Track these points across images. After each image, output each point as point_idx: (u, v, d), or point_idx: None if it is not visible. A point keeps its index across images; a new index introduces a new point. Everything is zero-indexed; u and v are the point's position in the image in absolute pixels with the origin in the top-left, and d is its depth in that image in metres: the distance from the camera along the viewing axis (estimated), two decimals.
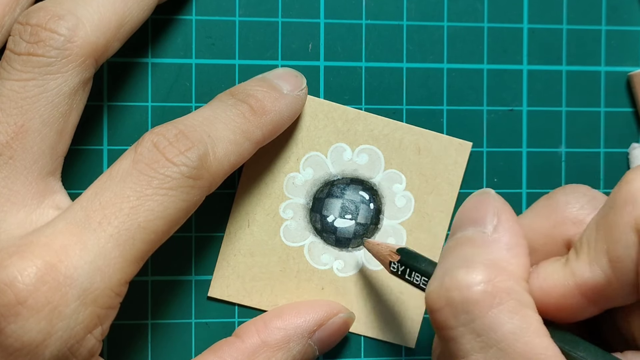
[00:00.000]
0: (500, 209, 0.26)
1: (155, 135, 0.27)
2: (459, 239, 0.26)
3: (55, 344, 0.24)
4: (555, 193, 0.27)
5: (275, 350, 0.30)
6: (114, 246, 0.25)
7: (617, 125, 0.34)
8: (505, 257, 0.25)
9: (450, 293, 0.24)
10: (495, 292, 0.24)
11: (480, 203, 0.26)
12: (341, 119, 0.33)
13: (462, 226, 0.26)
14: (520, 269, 0.25)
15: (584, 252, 0.25)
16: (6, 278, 0.24)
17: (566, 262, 0.25)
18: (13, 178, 0.26)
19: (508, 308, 0.23)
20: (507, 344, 0.23)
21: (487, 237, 0.25)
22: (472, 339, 0.24)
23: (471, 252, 0.25)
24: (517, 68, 0.34)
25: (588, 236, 0.25)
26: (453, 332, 0.24)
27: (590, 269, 0.24)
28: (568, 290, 0.25)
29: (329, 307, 0.31)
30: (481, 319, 0.23)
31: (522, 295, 0.24)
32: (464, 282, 0.24)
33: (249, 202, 0.32)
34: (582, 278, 0.25)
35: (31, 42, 0.26)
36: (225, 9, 0.32)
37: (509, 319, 0.23)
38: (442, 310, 0.24)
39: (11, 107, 0.26)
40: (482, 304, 0.24)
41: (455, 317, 0.24)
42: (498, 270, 0.24)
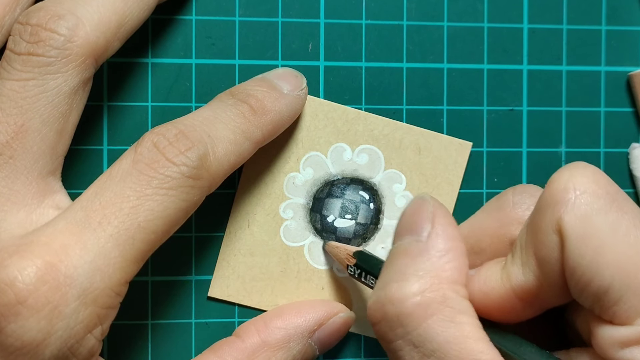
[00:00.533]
0: (435, 214, 0.26)
1: (155, 135, 0.27)
2: (395, 249, 0.26)
3: (55, 344, 0.24)
4: (505, 193, 0.28)
5: (276, 349, 0.30)
6: (113, 246, 0.25)
7: (617, 125, 0.34)
8: (438, 264, 0.25)
9: (385, 307, 0.25)
10: (427, 303, 0.24)
11: (415, 210, 0.26)
12: (341, 119, 0.33)
13: (399, 235, 0.26)
14: (455, 274, 0.25)
15: (517, 255, 0.25)
16: (6, 277, 0.24)
17: (504, 265, 0.26)
18: (13, 178, 0.26)
19: (441, 317, 0.24)
20: (443, 352, 0.23)
21: (421, 246, 0.25)
22: (411, 350, 0.24)
23: (405, 263, 0.25)
24: (517, 68, 0.34)
25: (520, 239, 0.25)
26: (393, 345, 0.25)
27: (523, 272, 0.25)
28: (505, 293, 0.25)
29: (329, 306, 0.31)
30: (416, 331, 0.24)
31: (456, 302, 0.24)
32: (397, 296, 0.24)
33: (249, 202, 0.32)
34: (516, 281, 0.25)
35: (31, 42, 0.26)
36: (225, 9, 0.32)
37: (442, 328, 0.24)
38: (379, 324, 0.25)
39: (11, 106, 0.26)
40: (416, 316, 0.24)
41: (392, 330, 0.24)
42: (430, 279, 0.24)
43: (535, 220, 0.24)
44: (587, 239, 0.23)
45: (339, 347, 0.33)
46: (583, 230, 0.23)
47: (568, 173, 0.24)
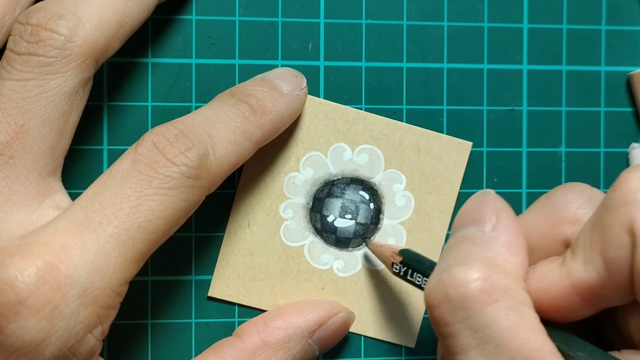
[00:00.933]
0: (500, 209, 0.26)
1: (155, 135, 0.27)
2: (459, 237, 0.26)
3: (56, 344, 0.25)
4: (554, 192, 0.27)
5: (276, 349, 0.30)
6: (114, 246, 0.25)
7: (617, 125, 0.34)
8: (503, 255, 0.25)
9: (447, 289, 0.24)
10: (491, 289, 0.24)
11: (480, 203, 0.26)
12: (341, 119, 0.33)
13: (462, 225, 0.26)
14: (517, 268, 0.25)
15: (579, 253, 0.25)
16: (7, 278, 0.24)
17: (563, 263, 0.25)
18: (13, 178, 0.26)
19: (504, 305, 0.24)
20: (503, 340, 0.23)
21: (485, 236, 0.25)
22: (469, 335, 0.24)
23: (469, 250, 0.25)
24: (517, 68, 0.34)
25: (583, 237, 0.25)
26: (451, 329, 0.24)
27: (585, 269, 0.24)
28: (564, 290, 0.25)
29: (329, 306, 0.31)
30: (478, 316, 0.24)
31: (518, 293, 0.24)
32: (461, 279, 0.24)
33: (249, 202, 0.32)
34: (577, 279, 0.25)
35: (31, 41, 0.26)
36: (225, 9, 0.32)
37: (505, 316, 0.23)
38: (439, 306, 0.24)
39: (11, 106, 0.26)
40: (479, 301, 0.24)
41: (452, 313, 0.24)
42: (495, 267, 0.24)
43: (603, 218, 0.24)
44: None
45: (339, 347, 0.33)
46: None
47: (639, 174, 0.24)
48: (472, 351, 0.24)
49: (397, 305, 0.33)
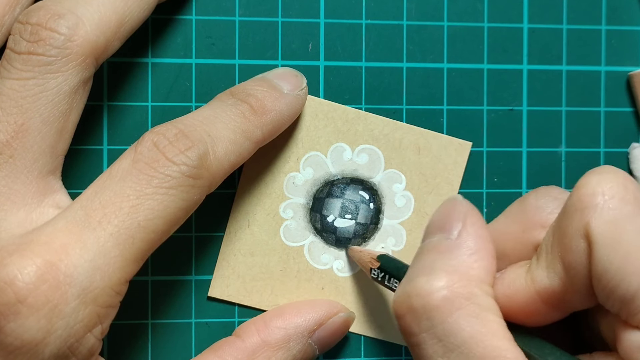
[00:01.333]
0: (466, 214, 0.26)
1: (155, 134, 0.27)
2: (425, 246, 0.26)
3: (55, 343, 0.24)
4: (527, 197, 0.28)
5: (276, 349, 0.30)
6: (113, 245, 0.25)
7: (617, 125, 0.34)
8: (467, 261, 0.25)
9: (411, 300, 0.24)
10: (454, 297, 0.24)
11: (447, 210, 0.26)
12: (341, 119, 0.33)
13: (429, 233, 0.26)
14: (482, 273, 0.25)
15: (542, 259, 0.25)
16: (6, 277, 0.24)
17: (528, 269, 0.25)
18: (13, 177, 0.26)
19: (467, 313, 0.24)
20: (467, 347, 0.23)
21: (450, 243, 0.25)
22: (435, 344, 0.24)
23: (433, 258, 0.25)
24: (517, 68, 0.34)
25: (546, 242, 0.25)
26: (416, 338, 0.24)
27: (548, 275, 0.25)
28: (529, 296, 0.25)
29: (329, 306, 0.31)
30: (441, 325, 0.24)
31: (482, 299, 0.24)
32: (424, 289, 0.24)
33: (249, 202, 0.32)
34: (540, 285, 0.25)
35: (31, 41, 0.26)
36: (225, 9, 0.32)
37: (467, 324, 0.24)
38: (405, 317, 0.25)
39: (11, 106, 0.26)
40: (442, 310, 0.24)
41: (417, 323, 0.24)
42: (458, 275, 0.24)
43: (561, 224, 0.24)
44: (615, 244, 0.23)
45: (339, 347, 0.33)
46: (611, 235, 0.23)
47: (596, 177, 0.24)
48: (438, 359, 0.24)
49: None
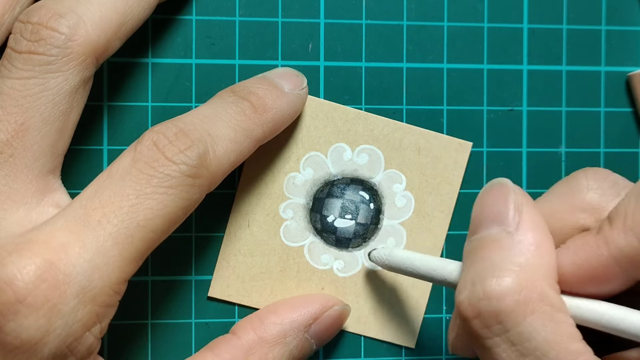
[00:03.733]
0: (521, 203, 0.26)
1: (155, 133, 0.27)
2: (483, 239, 0.26)
3: (54, 342, 0.24)
4: (576, 177, 0.27)
5: (272, 345, 0.30)
6: (112, 244, 0.25)
7: (617, 125, 0.34)
8: (534, 258, 0.25)
9: (481, 303, 0.24)
10: (527, 300, 0.24)
11: (499, 197, 0.26)
12: (341, 119, 0.33)
13: (483, 224, 0.26)
14: (549, 270, 0.25)
15: (619, 221, 0.25)
16: (5, 276, 0.24)
17: (598, 233, 0.25)
18: (13, 176, 0.26)
19: (541, 315, 0.24)
20: (542, 352, 0.23)
21: (511, 238, 0.25)
22: (507, 348, 0.24)
23: (498, 256, 0.25)
24: (517, 68, 0.34)
25: (626, 205, 0.25)
26: (488, 342, 0.24)
27: (626, 237, 0.24)
28: (601, 260, 0.25)
29: (324, 300, 0.31)
30: (515, 329, 0.24)
31: (553, 299, 0.24)
32: (495, 292, 0.24)
33: (249, 202, 0.32)
34: (616, 247, 0.24)
35: (32, 40, 0.26)
36: (225, 9, 0.32)
37: (542, 327, 0.24)
38: (474, 320, 0.24)
39: (12, 105, 0.26)
40: (516, 314, 0.24)
41: (488, 327, 0.24)
42: (528, 275, 0.24)
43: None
44: None
45: (339, 347, 0.33)
46: None
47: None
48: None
49: (397, 305, 0.33)
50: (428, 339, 0.33)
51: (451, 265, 0.28)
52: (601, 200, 0.26)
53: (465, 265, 0.26)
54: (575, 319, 0.25)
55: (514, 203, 0.26)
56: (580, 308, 0.25)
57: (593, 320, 0.25)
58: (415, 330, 0.33)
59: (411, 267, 0.29)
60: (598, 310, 0.25)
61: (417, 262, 0.29)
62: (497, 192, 0.26)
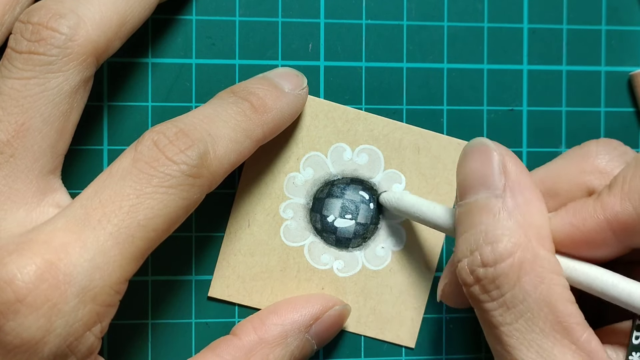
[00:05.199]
0: (506, 162, 0.26)
1: (156, 133, 0.27)
2: (472, 204, 0.26)
3: (54, 341, 0.24)
4: (588, 143, 0.28)
5: (273, 346, 0.30)
6: (113, 244, 0.25)
7: (617, 125, 0.34)
8: (524, 220, 0.25)
9: (480, 270, 0.25)
10: (520, 262, 0.25)
11: (483, 159, 0.26)
12: (341, 119, 0.33)
13: (471, 188, 0.26)
14: (541, 229, 0.26)
15: (617, 188, 0.25)
16: (5, 276, 0.24)
17: (597, 197, 0.26)
18: (14, 176, 0.26)
19: (533, 277, 0.25)
20: (533, 313, 0.24)
21: (500, 202, 0.26)
22: (504, 311, 0.25)
23: (489, 221, 0.25)
24: (517, 68, 0.34)
25: (625, 173, 0.25)
26: (486, 305, 0.25)
27: (621, 203, 0.25)
28: (597, 223, 0.25)
29: (324, 300, 0.31)
30: (510, 292, 0.25)
31: (546, 261, 0.25)
32: (491, 259, 0.25)
33: (249, 202, 0.32)
34: (612, 212, 0.25)
35: (32, 40, 0.26)
36: (225, 9, 0.32)
37: (534, 289, 0.24)
38: (473, 286, 0.26)
39: (12, 105, 0.26)
40: (510, 278, 0.25)
41: (487, 292, 0.25)
42: (519, 237, 0.25)
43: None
44: None
45: (339, 347, 0.33)
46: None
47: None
48: (507, 326, 0.25)
49: (397, 305, 0.33)
50: (428, 339, 0.33)
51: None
52: (608, 165, 0.27)
53: (459, 231, 0.27)
54: (569, 280, 0.25)
55: (498, 165, 0.26)
56: (576, 270, 0.26)
57: (586, 283, 0.25)
58: (415, 330, 0.33)
59: (418, 212, 0.30)
60: (591, 274, 0.25)
61: (424, 208, 0.30)
62: (480, 153, 0.27)
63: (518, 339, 0.25)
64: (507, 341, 0.25)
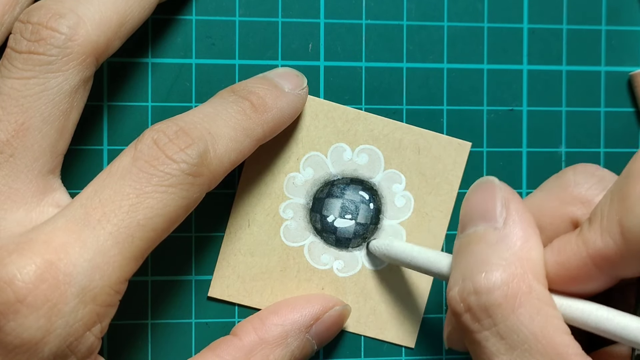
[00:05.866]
0: (508, 199, 0.26)
1: (156, 132, 0.27)
2: (471, 236, 0.26)
3: (55, 341, 0.24)
4: (565, 172, 0.28)
5: (274, 346, 0.30)
6: (113, 244, 0.25)
7: (617, 125, 0.34)
8: (521, 253, 0.25)
9: (471, 298, 0.25)
10: (515, 293, 0.24)
11: (486, 195, 0.26)
12: (341, 119, 0.33)
13: (470, 222, 0.26)
14: (537, 264, 0.25)
15: (596, 222, 0.25)
16: (5, 276, 0.24)
17: (579, 233, 0.25)
18: (13, 176, 0.26)
19: (529, 308, 0.24)
20: (529, 345, 0.24)
21: (499, 233, 0.25)
22: (497, 342, 0.24)
23: (486, 251, 0.25)
24: (517, 68, 0.34)
25: (602, 206, 0.25)
26: (478, 336, 0.25)
27: (602, 238, 0.25)
28: (581, 260, 0.25)
29: (325, 300, 0.31)
30: (504, 323, 0.24)
31: (541, 292, 0.24)
32: (484, 286, 0.24)
33: (249, 202, 0.32)
34: (593, 247, 0.25)
35: (32, 40, 0.26)
36: (225, 9, 0.32)
37: (530, 320, 0.24)
38: (464, 315, 0.25)
39: (12, 105, 0.26)
40: (504, 308, 0.24)
41: (478, 321, 0.25)
42: (516, 269, 0.25)
43: (622, 189, 0.24)
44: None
45: (339, 347, 0.33)
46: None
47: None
48: (501, 357, 0.24)
49: (397, 305, 0.33)
50: (428, 339, 0.33)
51: (447, 259, 0.28)
52: (587, 193, 0.27)
53: (454, 262, 0.26)
54: (564, 318, 0.25)
55: (500, 200, 0.26)
56: (570, 307, 0.25)
57: (580, 319, 0.25)
58: (415, 330, 0.33)
59: (409, 258, 0.30)
60: (585, 310, 0.25)
61: (415, 253, 0.30)
62: (484, 189, 0.27)
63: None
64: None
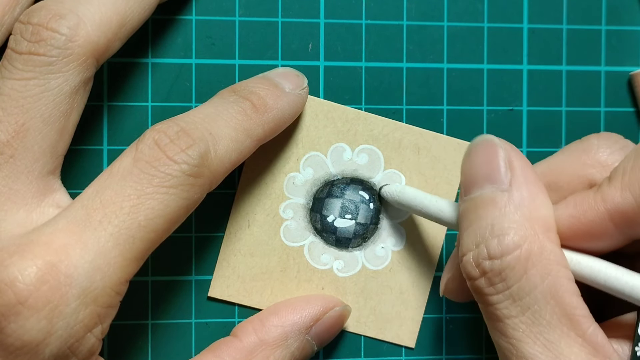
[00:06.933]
0: (511, 158, 0.26)
1: (157, 132, 0.26)
2: (477, 199, 0.26)
3: (56, 343, 0.24)
4: (588, 137, 0.28)
5: (274, 347, 0.30)
6: (114, 245, 0.25)
7: (617, 125, 0.34)
8: (530, 214, 0.25)
9: (486, 263, 0.25)
10: (527, 255, 0.25)
11: (488, 155, 0.27)
12: (341, 119, 0.33)
13: (475, 184, 0.27)
14: (547, 222, 0.26)
15: (617, 179, 0.25)
16: (6, 278, 0.24)
17: (598, 189, 0.26)
18: (14, 177, 0.26)
19: (540, 269, 0.25)
20: (539, 306, 0.24)
21: (506, 196, 0.26)
22: (509, 304, 0.25)
23: (495, 215, 0.26)
24: (517, 68, 0.34)
25: (625, 164, 0.25)
26: (491, 299, 0.25)
27: (622, 194, 0.25)
28: (597, 215, 0.25)
29: (325, 301, 0.31)
30: (517, 285, 0.25)
31: (552, 252, 0.25)
32: (498, 252, 0.25)
33: (249, 202, 0.32)
34: (612, 203, 0.25)
35: (32, 41, 0.26)
36: (225, 9, 0.32)
37: (540, 281, 0.25)
38: (479, 279, 0.26)
39: (12, 106, 0.26)
40: (517, 270, 0.25)
41: (492, 285, 0.25)
42: (526, 230, 0.25)
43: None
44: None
45: (339, 347, 0.33)
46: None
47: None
48: (513, 319, 0.25)
49: (397, 305, 0.33)
50: (428, 339, 0.33)
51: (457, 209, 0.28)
52: (609, 158, 0.27)
53: (463, 225, 0.27)
54: (573, 273, 0.26)
55: (503, 160, 0.26)
56: (580, 263, 0.26)
57: (589, 276, 0.26)
58: (415, 330, 0.33)
59: (420, 205, 0.30)
60: (594, 267, 0.26)
61: (426, 201, 0.30)
62: (486, 149, 0.27)
63: (524, 332, 0.25)
64: (513, 334, 0.25)
